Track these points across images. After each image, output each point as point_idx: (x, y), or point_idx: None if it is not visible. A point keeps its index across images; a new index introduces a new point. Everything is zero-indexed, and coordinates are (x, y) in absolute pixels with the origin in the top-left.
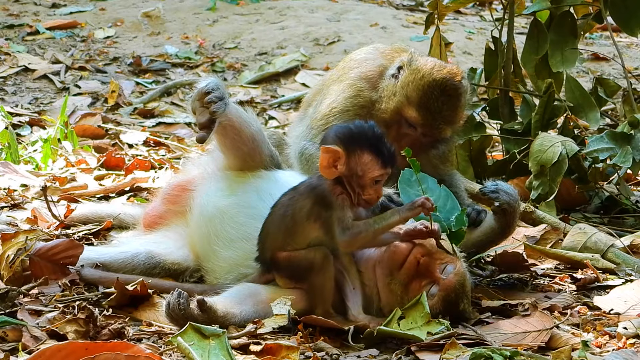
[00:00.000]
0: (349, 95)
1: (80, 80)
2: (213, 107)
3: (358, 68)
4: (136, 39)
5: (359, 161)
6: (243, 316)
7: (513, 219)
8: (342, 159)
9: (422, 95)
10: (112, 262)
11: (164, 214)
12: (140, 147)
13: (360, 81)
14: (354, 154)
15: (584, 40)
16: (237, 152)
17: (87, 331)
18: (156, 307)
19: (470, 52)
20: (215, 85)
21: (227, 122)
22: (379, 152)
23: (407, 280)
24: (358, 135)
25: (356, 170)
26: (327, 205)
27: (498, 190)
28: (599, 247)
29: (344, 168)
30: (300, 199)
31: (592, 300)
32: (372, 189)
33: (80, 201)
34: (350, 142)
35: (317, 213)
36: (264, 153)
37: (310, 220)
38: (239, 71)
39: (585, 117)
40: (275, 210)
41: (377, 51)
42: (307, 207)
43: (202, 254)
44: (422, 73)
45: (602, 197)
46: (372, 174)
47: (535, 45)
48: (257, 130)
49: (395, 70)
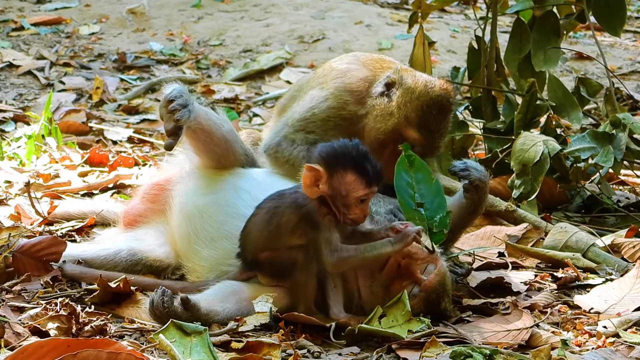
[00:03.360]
0: (332, 105)
1: (65, 77)
2: (177, 115)
3: (341, 78)
4: (121, 36)
5: (341, 181)
6: (226, 314)
7: (485, 194)
8: (323, 178)
9: (422, 116)
10: (95, 258)
11: (144, 212)
12: (125, 144)
13: (345, 93)
14: (336, 174)
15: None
16: (210, 154)
17: (69, 328)
18: (138, 304)
19: (454, 51)
20: (178, 92)
21: (197, 125)
22: (363, 172)
23: (388, 282)
24: (341, 155)
25: (340, 190)
26: (313, 226)
27: (468, 168)
28: (580, 246)
29: (327, 187)
30: (286, 212)
31: (572, 299)
32: (358, 208)
33: (64, 198)
34: (332, 162)
35: (303, 231)
36: (238, 152)
37: (295, 235)
38: (223, 68)
39: (568, 116)
40: (259, 213)
41: (359, 61)
42: (292, 222)
43: (182, 253)
44: (418, 92)
45: (583, 196)
46: (356, 194)
47: (518, 45)
48: (228, 131)
49: (384, 87)
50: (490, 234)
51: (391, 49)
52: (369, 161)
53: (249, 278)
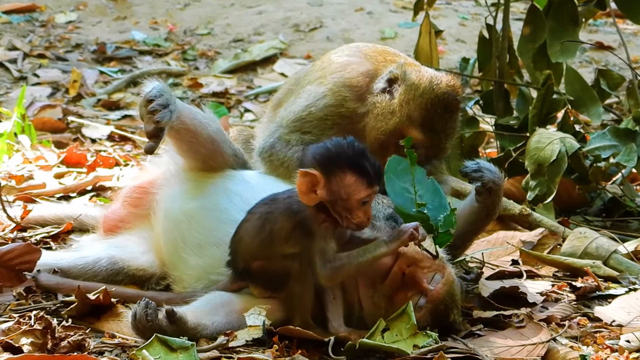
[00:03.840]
0: (330, 103)
1: (39, 69)
2: (157, 116)
3: (341, 72)
4: (100, 24)
5: (341, 184)
6: (215, 327)
7: (499, 197)
8: (320, 183)
9: (426, 115)
10: (72, 267)
11: (125, 217)
12: (104, 142)
13: (344, 89)
14: (334, 177)
15: (586, 27)
16: (196, 155)
17: (45, 343)
18: (120, 318)
19: (463, 40)
20: (158, 91)
21: (180, 125)
22: (362, 171)
23: (391, 293)
24: (337, 155)
25: (339, 194)
26: (307, 234)
27: (481, 169)
28: (601, 253)
29: (325, 193)
30: (280, 219)
31: (592, 310)
32: (361, 210)
33: (38, 201)
34: (328, 164)
35: (297, 239)
36: (227, 153)
37: (289, 243)
38: (212, 59)
39: (587, 111)
40: (251, 218)
41: (361, 53)
42: (286, 230)
43: (168, 262)
44: (422, 89)
45: (604, 198)
46: (357, 196)
47: (532, 34)
48: (215, 130)
49: (385, 83)
50: (503, 239)
51: (395, 39)
52: (367, 159)
53: (240, 288)
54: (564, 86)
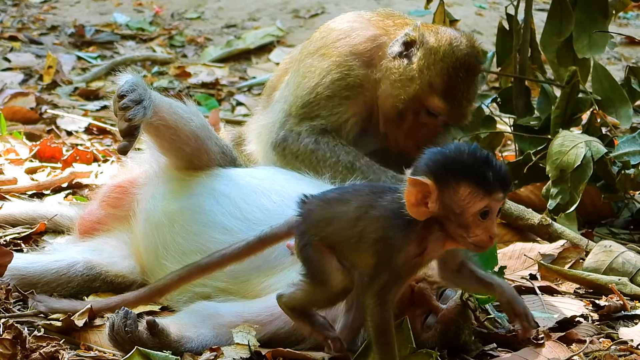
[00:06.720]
0: (337, 77)
1: (11, 53)
2: (129, 113)
3: (345, 39)
4: (79, 5)
5: (454, 196)
6: (200, 341)
7: None
8: (433, 194)
9: (448, 80)
10: (45, 272)
11: (103, 218)
12: (82, 135)
13: (350, 57)
14: (447, 187)
15: (616, 20)
16: (179, 153)
17: (14, 354)
18: (97, 328)
19: (480, 31)
20: (130, 86)
21: (159, 121)
22: (480, 179)
23: (398, 312)
24: (453, 162)
25: (453, 208)
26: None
27: None
28: (627, 269)
29: (437, 206)
30: (379, 221)
31: (616, 332)
32: (480, 227)
33: (8, 198)
34: (442, 172)
35: (378, 251)
36: (212, 150)
37: (370, 252)
38: (202, 46)
39: (615, 113)
40: (352, 201)
41: (363, 19)
42: (376, 236)
43: (149, 269)
44: (442, 53)
45: (632, 209)
46: (473, 209)
47: (557, 26)
48: (199, 126)
49: (402, 46)
50: (521, 252)
51: None
52: (490, 166)
53: (287, 237)
54: (591, 84)
